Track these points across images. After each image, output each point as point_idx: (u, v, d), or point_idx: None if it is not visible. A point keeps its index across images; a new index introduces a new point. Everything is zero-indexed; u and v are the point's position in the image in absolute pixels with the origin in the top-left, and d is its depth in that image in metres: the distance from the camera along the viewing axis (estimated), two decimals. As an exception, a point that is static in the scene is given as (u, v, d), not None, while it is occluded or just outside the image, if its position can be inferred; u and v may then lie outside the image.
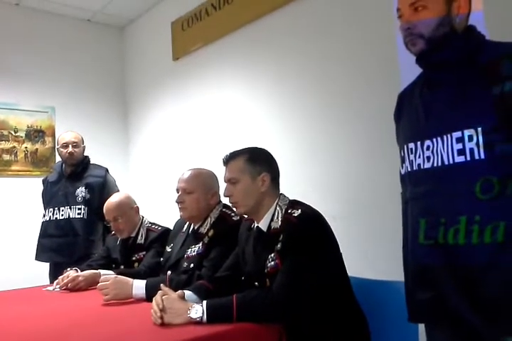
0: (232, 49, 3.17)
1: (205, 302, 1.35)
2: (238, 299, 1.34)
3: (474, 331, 1.10)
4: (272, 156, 1.66)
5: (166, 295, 1.40)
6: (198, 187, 1.97)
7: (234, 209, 1.66)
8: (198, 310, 1.32)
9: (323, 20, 2.58)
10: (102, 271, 2.13)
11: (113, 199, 2.43)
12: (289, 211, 1.50)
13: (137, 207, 2.48)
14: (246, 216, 1.68)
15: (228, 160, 1.62)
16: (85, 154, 3.01)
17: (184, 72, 3.62)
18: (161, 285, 1.47)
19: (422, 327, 1.41)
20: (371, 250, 2.24)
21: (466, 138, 1.12)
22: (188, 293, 1.49)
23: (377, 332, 1.58)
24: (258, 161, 1.59)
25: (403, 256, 1.31)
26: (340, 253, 1.56)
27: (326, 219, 1.54)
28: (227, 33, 3.17)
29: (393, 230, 1.38)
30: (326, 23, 2.55)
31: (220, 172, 1.87)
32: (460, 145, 1.13)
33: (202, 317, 1.31)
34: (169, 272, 1.91)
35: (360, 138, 2.36)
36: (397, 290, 1.68)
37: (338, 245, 1.55)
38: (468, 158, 1.12)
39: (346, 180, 2.40)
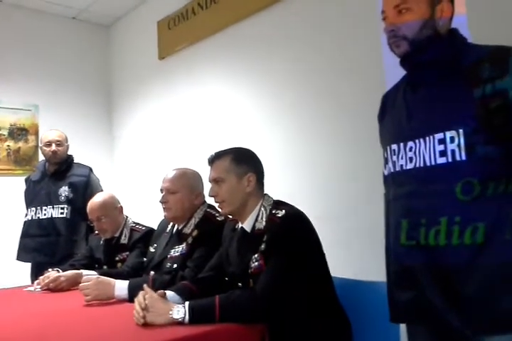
0: (219, 48, 3.16)
1: (187, 302, 1.34)
2: (221, 299, 1.34)
3: (453, 330, 1.12)
4: (257, 156, 1.66)
5: (148, 294, 1.39)
6: (182, 188, 1.96)
7: (219, 209, 1.65)
8: (180, 311, 1.31)
9: (309, 20, 2.58)
10: (84, 271, 2.11)
11: (97, 199, 2.41)
12: (273, 211, 1.51)
13: (121, 207, 2.46)
14: (230, 216, 1.68)
15: (213, 159, 1.61)
16: (69, 153, 2.97)
17: (170, 72, 3.60)
18: (144, 285, 1.45)
19: (403, 327, 1.42)
20: (354, 250, 2.25)
21: (448, 140, 1.14)
22: (170, 293, 1.48)
23: (360, 333, 1.59)
24: (244, 161, 1.59)
25: (385, 257, 1.31)
26: (324, 254, 1.56)
27: (311, 219, 1.55)
28: (214, 33, 3.15)
29: (376, 230, 1.39)
30: (312, 22, 2.56)
31: (205, 171, 1.87)
32: (442, 147, 1.15)
33: (184, 318, 1.31)
34: (152, 272, 1.89)
35: (345, 138, 2.37)
36: (379, 291, 1.70)
37: (321, 245, 1.56)
38: (450, 160, 1.13)
39: (331, 180, 2.41)
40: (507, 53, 1.12)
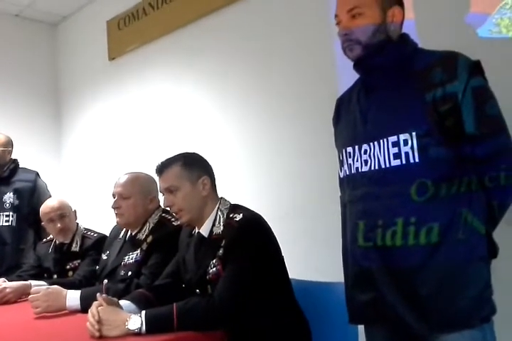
0: (171, 50, 3.10)
1: (143, 312, 1.30)
2: (178, 307, 1.31)
3: (411, 330, 1.14)
4: (205, 159, 1.63)
5: (101, 306, 1.33)
6: (135, 192, 1.91)
7: (178, 218, 1.60)
8: (136, 321, 1.27)
9: (264, 21, 2.58)
10: (33, 282, 2.01)
11: (53, 200, 2.37)
12: (231, 215, 1.49)
13: (75, 211, 2.39)
14: (189, 225, 1.61)
15: (162, 169, 1.55)
16: (13, 157, 2.83)
17: (120, 73, 3.50)
18: (97, 295, 1.40)
19: (361, 328, 1.44)
20: (311, 251, 2.26)
21: (402, 143, 1.16)
22: (126, 302, 1.43)
23: (318, 334, 1.59)
24: (194, 165, 1.55)
25: (343, 259, 1.33)
26: (282, 257, 1.56)
27: (274, 219, 1.54)
28: (166, 34, 3.09)
29: (336, 231, 1.40)
30: (269, 24, 2.56)
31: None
32: (396, 149, 1.17)
33: (141, 328, 1.26)
34: (105, 281, 1.83)
35: (306, 138, 2.38)
36: (337, 292, 1.72)
37: (279, 248, 1.55)
38: (404, 162, 1.15)
39: (291, 182, 2.42)
40: (455, 58, 1.16)
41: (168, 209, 1.73)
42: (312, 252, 2.25)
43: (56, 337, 1.35)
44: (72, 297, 1.62)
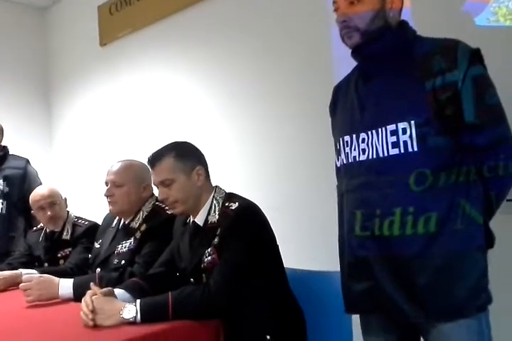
0: (164, 36, 3.05)
1: (138, 301, 1.29)
2: (174, 296, 1.30)
3: (406, 318, 1.15)
4: (197, 148, 1.60)
5: (95, 295, 1.32)
6: (128, 180, 1.88)
7: (171, 210, 1.57)
8: (131, 310, 1.26)
9: (259, 9, 2.55)
10: (24, 271, 1.99)
11: (42, 188, 2.34)
12: (226, 204, 1.47)
13: (66, 199, 2.37)
14: (184, 215, 1.60)
15: (154, 161, 1.51)
16: (3, 144, 2.78)
17: (112, 59, 3.44)
18: (91, 284, 1.38)
19: (355, 317, 1.44)
20: (307, 241, 2.26)
21: (400, 131, 1.15)
22: (120, 291, 1.42)
23: (312, 323, 1.59)
24: (187, 156, 1.52)
25: (339, 249, 1.32)
26: (277, 246, 1.55)
27: (266, 210, 1.53)
28: (159, 19, 3.04)
29: (332, 221, 1.39)
30: (263, 12, 2.53)
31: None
32: (394, 138, 1.16)
33: (136, 317, 1.26)
34: (98, 269, 1.82)
35: (301, 129, 2.36)
36: (331, 281, 1.72)
37: (275, 237, 1.54)
38: (402, 151, 1.14)
39: (286, 171, 2.41)
40: (455, 46, 1.15)
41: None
42: (307, 242, 2.25)
43: (49, 325, 1.34)
44: (65, 285, 1.60)
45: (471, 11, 1.82)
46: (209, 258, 1.44)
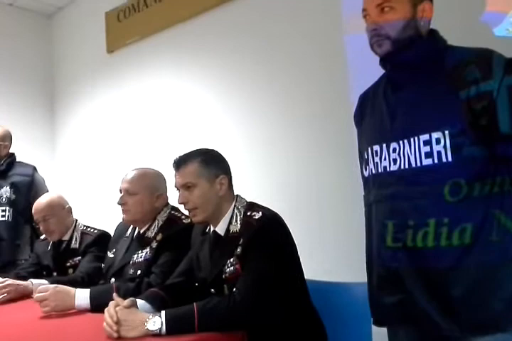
0: (173, 44, 3.05)
1: (163, 312, 1.26)
2: (199, 307, 1.27)
3: (440, 331, 1.12)
4: (224, 157, 1.58)
5: (118, 305, 1.29)
6: (142, 189, 1.86)
7: (190, 216, 1.54)
8: (156, 322, 1.23)
9: (271, 18, 2.55)
10: (34, 280, 1.95)
11: (43, 199, 2.30)
12: (249, 213, 1.45)
13: (69, 208, 2.34)
14: (203, 223, 1.57)
15: (180, 164, 1.50)
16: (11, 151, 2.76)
17: (119, 66, 3.43)
18: (114, 295, 1.35)
19: (375, 329, 1.42)
20: (317, 251, 2.24)
21: (434, 141, 1.13)
22: (140, 302, 1.39)
23: (331, 335, 1.56)
24: (212, 163, 1.51)
25: (367, 260, 1.30)
26: (299, 257, 1.53)
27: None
28: (168, 27, 3.04)
29: (343, 231, 1.37)
30: (275, 20, 2.53)
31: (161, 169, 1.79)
32: (428, 148, 1.14)
33: (161, 329, 1.22)
34: (113, 280, 1.78)
35: (312, 136, 2.35)
36: (350, 292, 1.70)
37: (296, 248, 1.52)
38: (436, 161, 1.13)
39: (298, 179, 2.39)
40: (490, 56, 1.14)
41: (178, 205, 1.69)
42: (317, 253, 2.22)
43: (71, 337, 1.30)
44: (81, 296, 1.56)
45: (489, 21, 1.83)
46: (231, 268, 1.42)
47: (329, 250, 2.21)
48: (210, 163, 1.50)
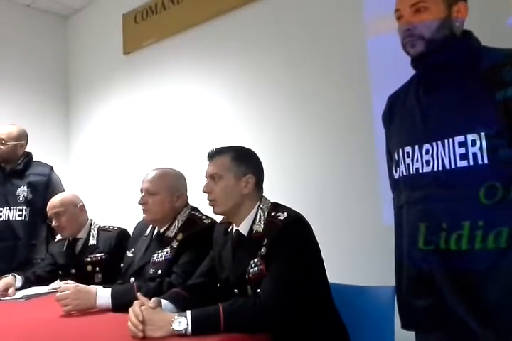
0: (190, 46, 3.04)
1: (189, 312, 1.24)
2: (225, 308, 1.25)
3: (474, 336, 1.10)
4: (258, 158, 1.58)
5: (143, 305, 1.27)
6: (162, 189, 1.85)
7: (212, 207, 1.55)
8: (181, 322, 1.21)
9: (290, 20, 2.54)
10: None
11: (57, 196, 2.32)
12: (273, 214, 1.44)
13: (82, 206, 2.35)
14: (222, 216, 1.58)
15: (214, 155, 1.53)
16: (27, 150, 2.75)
17: (135, 68, 3.43)
18: (138, 294, 1.34)
19: (398, 332, 1.39)
20: (340, 253, 2.22)
21: (470, 143, 1.12)
22: (164, 301, 1.37)
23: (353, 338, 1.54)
24: (244, 162, 1.51)
25: (396, 262, 1.28)
26: (322, 258, 1.51)
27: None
28: (185, 29, 3.04)
29: (369, 236, 1.35)
30: (294, 23, 2.52)
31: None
32: (463, 150, 1.13)
33: (186, 329, 1.20)
34: (132, 279, 1.77)
35: (331, 139, 2.34)
36: (369, 295, 1.68)
37: (319, 250, 1.50)
38: (472, 163, 1.11)
39: (316, 184, 2.37)
40: (527, 57, 1.12)
41: (199, 205, 1.69)
42: (341, 255, 2.20)
43: (95, 336, 1.28)
44: (103, 295, 1.55)
45: (516, 24, 1.81)
46: (255, 268, 1.40)
47: (352, 253, 2.18)
48: (241, 161, 1.50)
